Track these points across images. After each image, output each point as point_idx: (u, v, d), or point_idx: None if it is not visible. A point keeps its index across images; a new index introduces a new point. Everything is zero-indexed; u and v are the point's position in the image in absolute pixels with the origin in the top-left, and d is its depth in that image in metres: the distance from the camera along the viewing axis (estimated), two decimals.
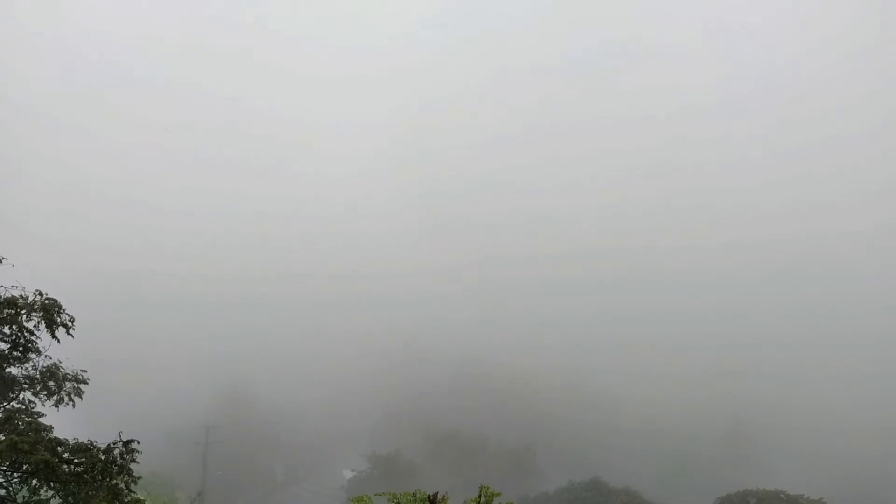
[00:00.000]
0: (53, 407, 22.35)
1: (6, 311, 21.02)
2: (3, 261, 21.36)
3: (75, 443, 20.29)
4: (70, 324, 21.90)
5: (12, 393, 22.06)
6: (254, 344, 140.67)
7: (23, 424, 20.54)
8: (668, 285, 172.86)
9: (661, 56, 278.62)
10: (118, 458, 20.30)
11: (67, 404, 22.58)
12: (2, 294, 21.30)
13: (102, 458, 20.00)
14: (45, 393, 22.40)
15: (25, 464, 19.38)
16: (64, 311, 21.80)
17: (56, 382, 22.55)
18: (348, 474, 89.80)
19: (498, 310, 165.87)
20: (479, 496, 18.37)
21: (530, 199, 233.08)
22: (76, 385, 22.79)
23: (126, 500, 20.47)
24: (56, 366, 22.66)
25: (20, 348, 21.65)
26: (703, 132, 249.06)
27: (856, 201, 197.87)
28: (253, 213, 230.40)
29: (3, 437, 19.58)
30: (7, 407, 21.80)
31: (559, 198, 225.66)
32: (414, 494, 19.01)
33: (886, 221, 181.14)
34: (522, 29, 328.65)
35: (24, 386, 22.21)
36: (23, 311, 21.43)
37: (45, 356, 22.32)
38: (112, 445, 20.54)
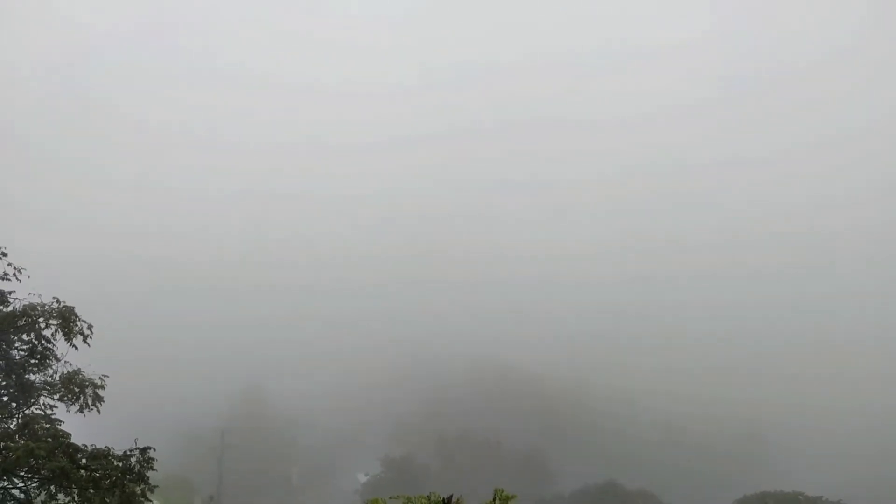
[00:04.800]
0: (79, 413, 22.38)
1: (24, 319, 21.26)
2: (22, 271, 21.63)
3: (93, 449, 20.43)
4: (88, 332, 22.05)
5: (32, 399, 22.25)
6: (265, 336, 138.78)
7: (41, 431, 20.72)
8: (680, 283, 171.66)
9: (657, 54, 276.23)
10: (136, 466, 20.44)
11: (92, 409, 22.70)
12: (19, 304, 21.55)
13: (119, 465, 20.14)
14: (69, 397, 22.49)
15: (43, 469, 19.58)
16: (80, 318, 21.95)
17: (77, 386, 22.71)
18: (362, 478, 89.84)
19: (509, 309, 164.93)
20: (494, 499, 18.31)
21: (540, 194, 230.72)
22: (95, 391, 22.92)
23: None
24: (76, 373, 22.83)
25: (38, 356, 21.87)
26: (703, 129, 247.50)
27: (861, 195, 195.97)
28: (260, 199, 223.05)
29: (21, 443, 19.77)
30: (26, 413, 22.02)
31: (568, 194, 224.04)
32: (428, 498, 18.96)
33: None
34: (519, 25, 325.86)
35: (44, 392, 22.37)
36: (40, 319, 21.65)
37: (66, 362, 22.49)
38: (129, 452, 20.67)
